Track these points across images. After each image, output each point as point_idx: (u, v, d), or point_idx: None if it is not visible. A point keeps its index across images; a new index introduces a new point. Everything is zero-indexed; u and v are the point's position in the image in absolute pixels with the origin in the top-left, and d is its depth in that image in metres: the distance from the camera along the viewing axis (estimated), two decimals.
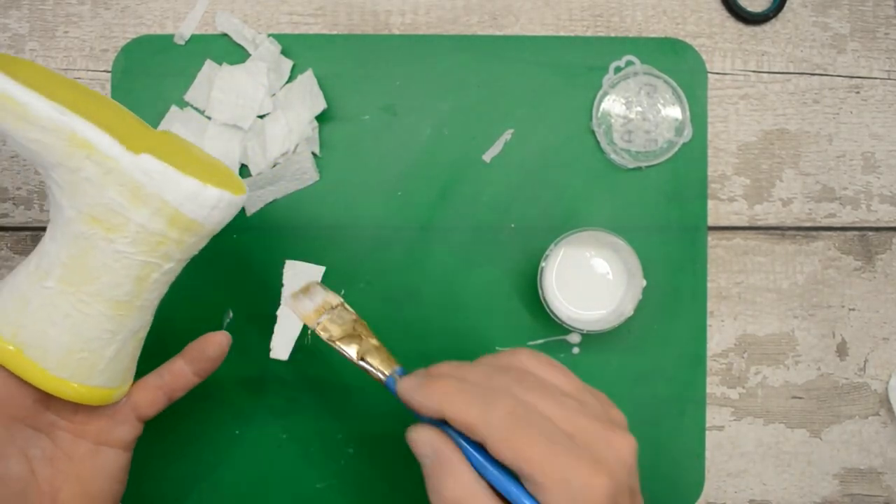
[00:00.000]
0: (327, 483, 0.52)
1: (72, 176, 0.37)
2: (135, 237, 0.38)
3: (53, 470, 0.40)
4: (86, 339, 0.39)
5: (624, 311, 0.48)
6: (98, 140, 0.36)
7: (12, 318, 0.38)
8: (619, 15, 0.53)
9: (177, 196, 0.37)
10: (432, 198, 0.52)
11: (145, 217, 0.37)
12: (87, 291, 0.38)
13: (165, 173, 0.37)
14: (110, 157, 0.37)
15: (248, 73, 0.50)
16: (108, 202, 0.37)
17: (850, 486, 0.53)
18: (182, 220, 0.38)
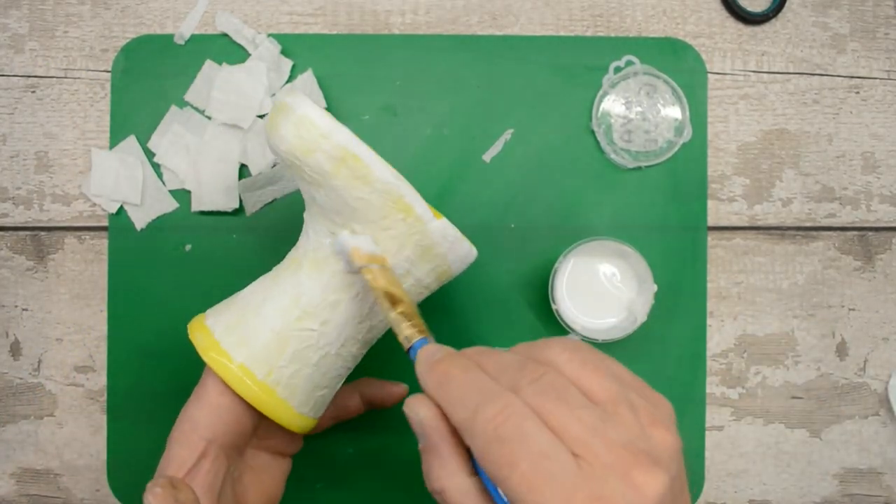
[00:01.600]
0: (327, 483, 0.52)
1: (378, 233, 0.38)
2: (409, 289, 0.40)
3: (243, 484, 0.42)
4: (331, 378, 0.41)
5: (637, 317, 0.48)
6: (417, 205, 0.38)
7: (267, 358, 0.39)
8: (619, 15, 0.53)
9: (455, 258, 0.40)
10: (432, 198, 0.52)
11: (424, 272, 0.40)
12: (349, 335, 0.40)
13: (457, 237, 0.39)
14: (422, 221, 0.38)
15: (248, 73, 0.50)
16: (400, 257, 0.39)
17: (849, 486, 0.53)
18: (446, 276, 0.41)
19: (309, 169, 0.37)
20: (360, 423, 0.51)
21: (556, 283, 0.48)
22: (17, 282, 0.52)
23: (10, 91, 0.52)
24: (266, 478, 0.43)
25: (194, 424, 0.39)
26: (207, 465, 0.38)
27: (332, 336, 0.39)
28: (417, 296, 0.41)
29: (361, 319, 0.40)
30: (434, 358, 0.33)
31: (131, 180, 0.51)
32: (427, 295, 0.42)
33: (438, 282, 0.41)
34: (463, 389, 0.31)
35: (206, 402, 0.39)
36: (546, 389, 0.30)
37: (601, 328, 0.50)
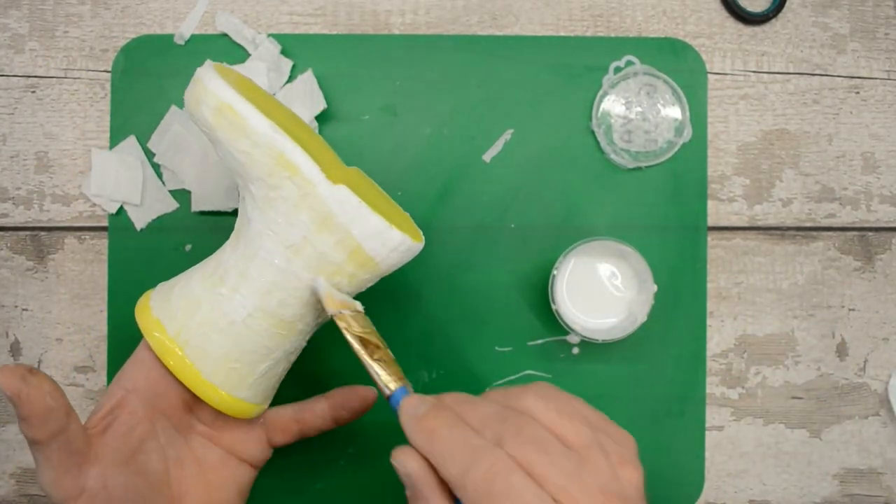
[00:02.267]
0: (327, 483, 0.52)
1: (269, 192, 0.38)
2: (313, 263, 0.39)
3: (183, 473, 0.41)
4: (243, 351, 0.40)
5: (637, 317, 0.48)
6: (303, 163, 0.37)
7: (180, 316, 0.39)
8: (619, 15, 0.53)
9: (363, 232, 0.38)
10: (432, 198, 0.52)
11: (328, 245, 0.38)
12: (255, 305, 0.39)
13: (358, 208, 0.38)
14: (310, 182, 0.38)
15: (248, 73, 0.50)
16: (298, 224, 0.38)
17: (849, 487, 0.53)
18: (361, 256, 0.39)
19: (200, 124, 0.38)
20: (360, 423, 0.51)
21: (556, 283, 0.48)
22: (17, 282, 0.52)
23: (10, 91, 0.52)
24: (215, 478, 0.42)
25: (119, 376, 0.40)
26: (124, 415, 0.39)
27: (238, 303, 0.39)
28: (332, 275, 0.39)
29: (268, 290, 0.39)
30: (418, 413, 0.35)
31: (131, 180, 0.51)
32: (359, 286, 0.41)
33: (355, 264, 0.39)
34: (452, 447, 0.33)
35: (133, 356, 0.40)
36: (528, 441, 0.33)
37: (601, 328, 0.50)
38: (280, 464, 0.52)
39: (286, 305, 0.39)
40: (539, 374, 0.52)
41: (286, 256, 0.39)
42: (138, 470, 0.38)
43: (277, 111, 0.40)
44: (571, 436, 0.34)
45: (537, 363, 0.52)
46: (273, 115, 0.38)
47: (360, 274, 0.40)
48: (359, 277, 0.40)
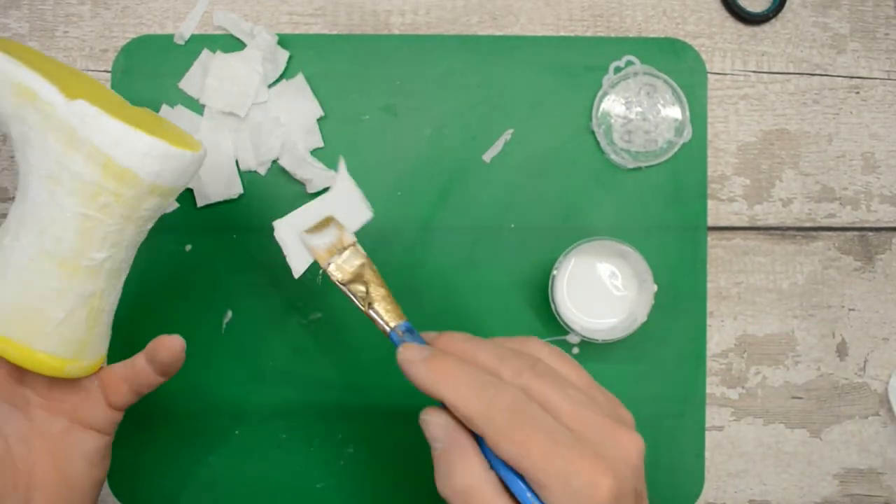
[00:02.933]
0: (327, 483, 0.52)
1: (21, 127, 0.38)
2: (71, 187, 0.38)
3: (28, 448, 0.39)
4: (32, 297, 0.38)
5: (637, 317, 0.48)
6: (39, 87, 0.37)
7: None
8: (619, 15, 0.53)
9: (105, 139, 0.37)
10: (432, 198, 0.52)
11: (79, 164, 0.37)
12: (35, 246, 0.38)
13: (96, 116, 0.37)
14: (49, 104, 0.37)
15: (243, 61, 0.50)
16: (49, 151, 0.37)
17: (850, 486, 0.53)
18: (114, 168, 0.37)
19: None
20: (360, 423, 0.52)
21: (556, 283, 0.48)
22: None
23: None
24: (61, 449, 0.40)
25: None
26: None
27: (20, 249, 0.38)
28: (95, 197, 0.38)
29: (42, 229, 0.38)
30: (423, 356, 0.36)
31: None
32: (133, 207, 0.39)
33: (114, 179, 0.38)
34: (471, 385, 0.35)
35: None
36: (542, 374, 0.36)
37: (601, 328, 0.50)
38: (280, 463, 0.52)
39: (61, 241, 0.38)
40: None
41: (48, 188, 0.38)
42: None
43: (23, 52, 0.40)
44: (574, 376, 0.37)
45: None
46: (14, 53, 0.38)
47: (123, 191, 0.38)
48: (125, 195, 0.38)
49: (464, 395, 0.34)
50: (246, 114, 0.50)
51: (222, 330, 0.52)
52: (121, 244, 0.40)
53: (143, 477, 0.51)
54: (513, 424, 0.34)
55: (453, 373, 0.35)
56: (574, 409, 0.35)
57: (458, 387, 0.34)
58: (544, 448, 0.33)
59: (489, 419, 0.34)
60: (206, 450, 0.52)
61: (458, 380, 0.35)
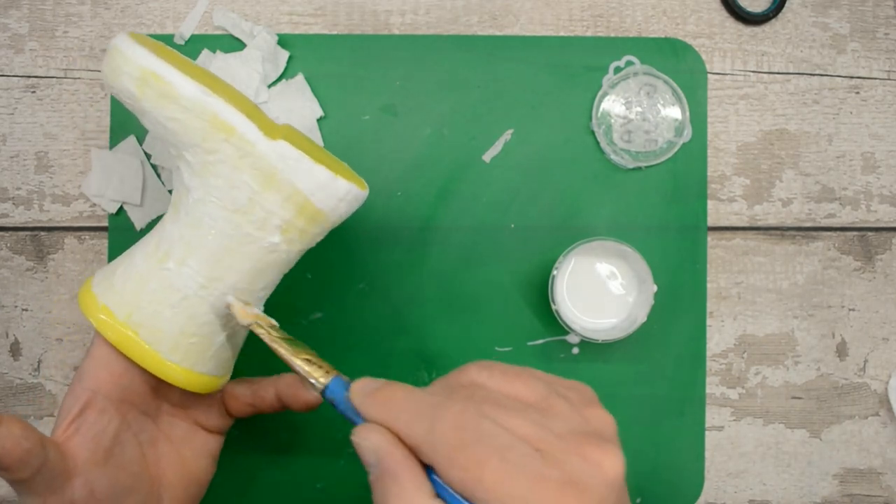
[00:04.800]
0: (327, 483, 0.52)
1: (206, 157, 0.37)
2: (262, 223, 0.38)
3: (158, 452, 0.41)
4: (199, 324, 0.39)
5: (637, 317, 0.48)
6: (238, 123, 0.36)
7: (128, 298, 0.38)
8: (619, 15, 0.53)
9: (309, 185, 0.37)
10: (432, 198, 0.52)
11: (276, 204, 0.37)
12: (207, 275, 0.38)
13: (301, 161, 0.37)
14: (248, 142, 0.37)
15: (243, 61, 0.50)
16: (241, 186, 0.37)
17: (849, 487, 0.53)
18: (310, 210, 0.38)
19: (123, 96, 0.37)
20: None
21: (556, 283, 0.48)
22: (17, 282, 0.52)
23: (10, 91, 0.52)
24: (187, 451, 0.42)
25: (80, 377, 0.39)
26: (93, 416, 0.38)
27: (188, 275, 0.38)
28: (284, 233, 0.38)
29: (218, 258, 0.38)
30: (370, 388, 0.34)
31: (131, 180, 0.51)
32: (310, 241, 0.40)
33: (305, 218, 0.38)
34: (413, 407, 0.32)
35: (90, 353, 0.39)
36: (482, 401, 0.31)
37: (601, 328, 0.50)
38: (280, 463, 0.52)
39: (238, 271, 0.38)
40: None
41: (233, 220, 0.38)
42: (118, 464, 0.38)
43: (202, 75, 0.39)
44: (525, 393, 0.33)
45: (537, 363, 0.52)
46: (199, 79, 0.37)
47: (310, 228, 0.39)
48: (309, 232, 0.39)
49: (406, 421, 0.31)
50: None
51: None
52: (285, 272, 0.41)
53: None
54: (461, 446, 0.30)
55: (395, 398, 0.32)
56: (531, 431, 0.30)
57: (400, 411, 0.32)
58: (500, 473, 0.29)
59: (433, 444, 0.30)
60: None
61: (400, 404, 0.32)
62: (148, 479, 0.40)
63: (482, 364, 0.34)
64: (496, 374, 0.33)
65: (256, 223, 0.38)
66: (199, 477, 0.42)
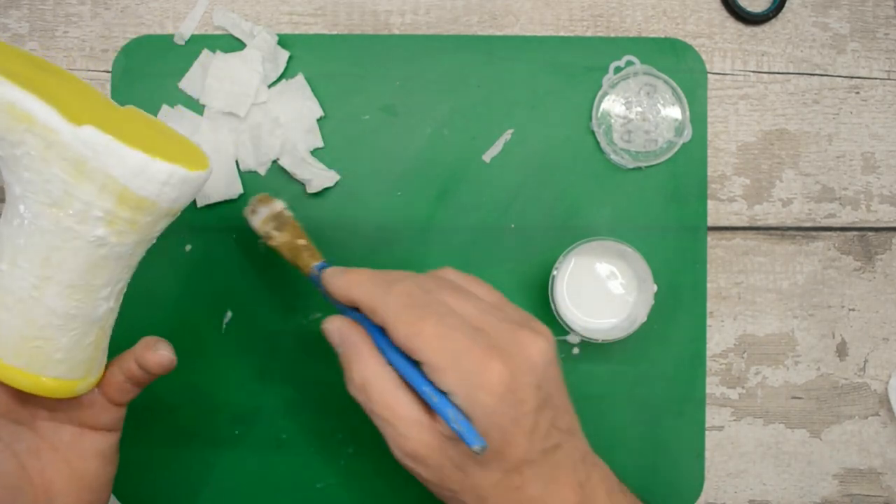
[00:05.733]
0: (327, 483, 0.52)
1: (14, 150, 0.35)
2: (82, 216, 0.35)
3: (41, 462, 0.39)
4: (39, 327, 0.37)
5: (637, 317, 0.48)
6: (38, 111, 0.34)
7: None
8: (619, 15, 0.53)
9: (122, 171, 0.35)
10: (432, 198, 0.52)
11: (92, 194, 0.35)
12: (38, 275, 0.36)
13: (109, 146, 0.35)
14: (51, 130, 0.34)
15: (243, 61, 0.50)
16: (52, 179, 0.35)
17: (849, 487, 0.53)
18: (132, 198, 0.36)
19: None
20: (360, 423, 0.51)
21: (556, 283, 0.48)
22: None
23: None
24: (75, 456, 0.40)
25: None
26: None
27: (20, 276, 0.36)
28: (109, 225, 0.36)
29: (45, 256, 0.36)
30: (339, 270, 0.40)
31: None
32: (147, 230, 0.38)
33: (130, 208, 0.36)
34: (374, 280, 0.38)
35: None
36: (448, 288, 0.38)
37: (601, 328, 0.50)
38: (280, 463, 0.52)
39: (69, 269, 0.36)
40: None
41: (52, 215, 0.35)
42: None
43: (20, 64, 0.37)
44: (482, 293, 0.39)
45: None
46: (6, 68, 0.35)
47: (139, 217, 0.37)
48: (140, 221, 0.37)
49: (367, 290, 0.37)
50: (246, 114, 0.50)
51: (222, 330, 0.52)
52: (132, 265, 0.39)
53: (143, 477, 0.51)
54: (409, 307, 0.36)
55: (362, 276, 0.39)
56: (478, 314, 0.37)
57: (363, 284, 0.38)
58: (437, 330, 0.35)
59: (387, 304, 0.36)
60: (206, 450, 0.52)
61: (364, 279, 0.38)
62: (31, 492, 0.38)
63: (458, 271, 0.40)
64: (469, 277, 0.40)
65: (76, 217, 0.36)
66: (91, 481, 0.41)
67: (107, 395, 0.41)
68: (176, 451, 0.52)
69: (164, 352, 0.40)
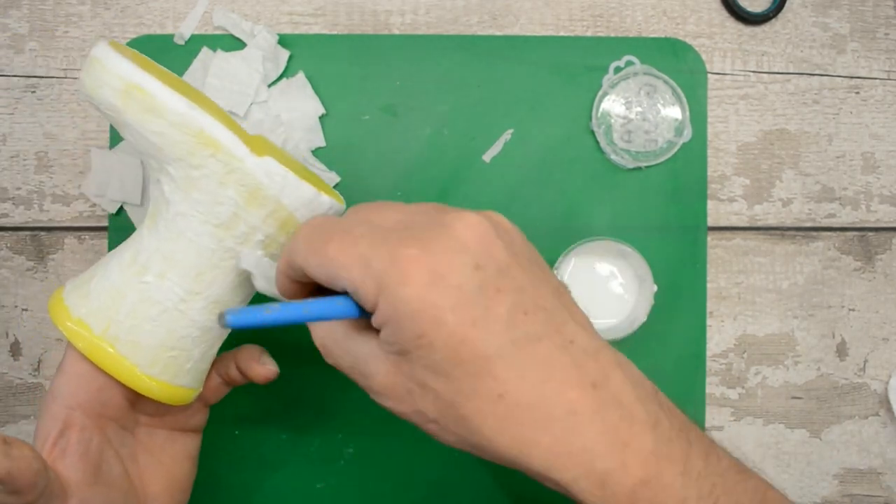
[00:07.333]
0: (327, 483, 0.52)
1: (191, 172, 0.37)
2: (245, 238, 0.38)
3: (139, 466, 0.40)
4: (178, 338, 0.38)
5: (637, 317, 0.48)
6: (225, 139, 0.36)
7: (105, 311, 0.38)
8: (619, 15, 0.53)
9: (293, 201, 0.38)
10: (432, 198, 0.52)
11: (259, 219, 0.38)
12: (188, 289, 0.38)
13: (286, 177, 0.37)
14: (236, 157, 0.36)
15: (244, 60, 0.50)
16: (225, 202, 0.37)
17: (849, 487, 0.53)
18: (292, 225, 0.38)
19: (104, 108, 0.37)
20: (360, 423, 0.52)
21: None
22: (17, 282, 0.52)
23: (10, 91, 0.52)
24: (166, 458, 0.42)
25: (55, 395, 0.38)
26: (75, 435, 0.37)
27: (168, 288, 0.38)
28: (265, 248, 0.39)
29: (200, 272, 0.38)
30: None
31: (131, 180, 0.51)
32: None
33: (287, 234, 0.39)
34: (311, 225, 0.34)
35: (64, 370, 0.38)
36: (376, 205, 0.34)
37: (601, 328, 0.50)
38: (281, 463, 0.52)
39: (219, 285, 0.38)
40: None
41: (216, 235, 0.38)
42: (107, 482, 0.38)
43: (185, 88, 0.39)
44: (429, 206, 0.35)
45: None
46: (183, 92, 0.37)
47: (287, 240, 0.39)
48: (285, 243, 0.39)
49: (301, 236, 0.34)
50: (245, 113, 0.50)
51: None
52: None
53: None
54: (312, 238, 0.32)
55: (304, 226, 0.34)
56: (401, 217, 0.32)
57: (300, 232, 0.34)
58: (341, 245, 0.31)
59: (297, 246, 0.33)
60: (206, 450, 0.51)
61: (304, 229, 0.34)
62: (135, 495, 0.39)
63: None
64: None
65: (239, 238, 0.38)
66: (182, 482, 0.42)
67: (202, 397, 0.43)
68: None
69: (270, 366, 0.42)
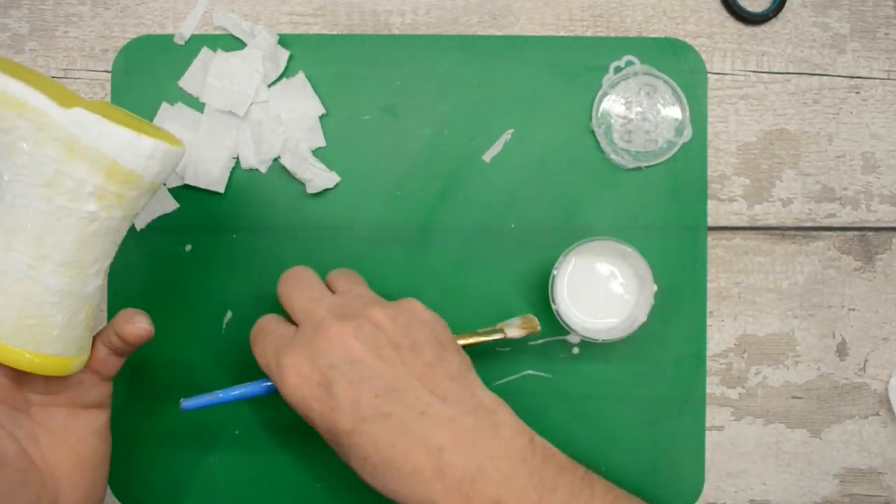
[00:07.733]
0: (327, 483, 0.52)
1: (5, 137, 0.37)
2: (74, 193, 0.38)
3: (41, 446, 0.40)
4: (35, 305, 0.38)
5: (637, 317, 0.48)
6: (29, 97, 0.36)
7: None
8: (619, 15, 0.53)
9: (113, 147, 0.38)
10: (432, 198, 0.52)
11: (83, 171, 0.37)
12: (33, 255, 0.38)
13: (99, 125, 0.37)
14: (43, 113, 0.37)
15: (243, 60, 0.50)
16: (45, 160, 0.37)
17: (850, 486, 0.53)
18: (120, 172, 0.38)
19: None
20: None
21: (556, 283, 0.48)
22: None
23: None
24: (70, 436, 0.41)
25: None
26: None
27: (15, 258, 0.38)
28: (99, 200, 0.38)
29: (40, 236, 0.38)
30: None
31: None
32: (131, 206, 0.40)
33: (118, 182, 0.38)
34: None
35: None
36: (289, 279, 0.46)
37: (601, 328, 0.50)
38: (281, 462, 0.52)
39: (63, 246, 0.38)
40: (539, 374, 0.52)
41: (44, 196, 0.38)
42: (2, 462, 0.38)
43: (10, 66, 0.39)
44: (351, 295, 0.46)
45: (537, 363, 0.52)
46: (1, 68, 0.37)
47: (126, 192, 0.39)
48: (127, 196, 0.39)
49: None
50: (245, 113, 0.50)
51: (222, 330, 0.52)
52: (116, 242, 0.41)
53: (142, 477, 0.51)
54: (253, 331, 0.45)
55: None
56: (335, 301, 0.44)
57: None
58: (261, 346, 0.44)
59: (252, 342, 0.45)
60: (206, 450, 0.52)
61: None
62: (38, 475, 0.39)
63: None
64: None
65: (69, 194, 0.38)
66: (91, 458, 0.42)
67: (94, 370, 0.42)
68: (176, 451, 0.51)
69: (141, 324, 0.42)
